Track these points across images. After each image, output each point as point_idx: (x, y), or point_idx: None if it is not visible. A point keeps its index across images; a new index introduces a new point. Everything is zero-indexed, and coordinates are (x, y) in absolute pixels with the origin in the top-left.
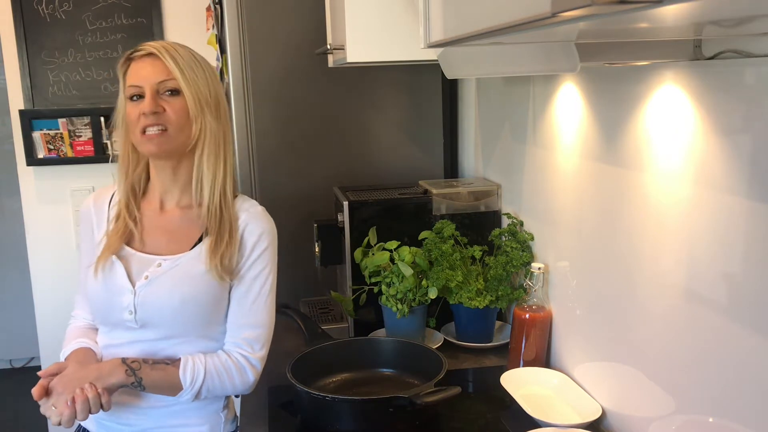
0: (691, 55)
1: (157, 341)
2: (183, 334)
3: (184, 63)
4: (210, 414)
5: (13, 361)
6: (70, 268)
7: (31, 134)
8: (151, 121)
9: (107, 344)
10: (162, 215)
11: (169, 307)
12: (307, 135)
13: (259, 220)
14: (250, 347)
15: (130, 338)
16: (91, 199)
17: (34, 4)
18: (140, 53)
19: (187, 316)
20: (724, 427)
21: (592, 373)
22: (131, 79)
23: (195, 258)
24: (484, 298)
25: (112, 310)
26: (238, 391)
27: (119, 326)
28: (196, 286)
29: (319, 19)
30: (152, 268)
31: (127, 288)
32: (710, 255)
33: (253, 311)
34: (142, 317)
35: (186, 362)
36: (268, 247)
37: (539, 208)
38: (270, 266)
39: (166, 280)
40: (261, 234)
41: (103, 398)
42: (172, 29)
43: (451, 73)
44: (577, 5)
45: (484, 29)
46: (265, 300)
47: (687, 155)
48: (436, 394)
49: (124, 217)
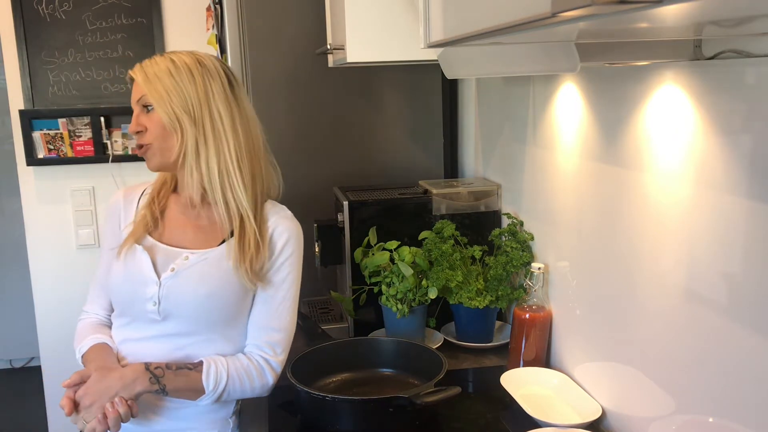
0: (691, 55)
1: (177, 337)
2: (204, 330)
3: (154, 77)
4: (219, 419)
5: (13, 361)
6: (70, 268)
7: (31, 134)
8: (137, 141)
9: (125, 338)
10: (191, 210)
11: (193, 301)
12: (307, 135)
13: (288, 223)
14: (272, 350)
15: (149, 333)
16: (121, 193)
17: (34, 4)
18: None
19: (210, 311)
20: (724, 427)
21: (592, 373)
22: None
23: (223, 255)
24: (484, 298)
25: (135, 301)
26: (256, 393)
27: (140, 318)
28: (223, 283)
29: (319, 19)
30: (179, 260)
31: (152, 279)
32: (710, 255)
33: (278, 314)
34: (166, 308)
35: (209, 367)
36: (295, 251)
37: (539, 208)
38: (296, 271)
39: (192, 274)
40: (289, 237)
41: (133, 409)
42: (172, 29)
43: (451, 73)
44: (577, 5)
45: (484, 29)
46: (290, 304)
47: (687, 155)
48: (436, 394)
49: (152, 206)
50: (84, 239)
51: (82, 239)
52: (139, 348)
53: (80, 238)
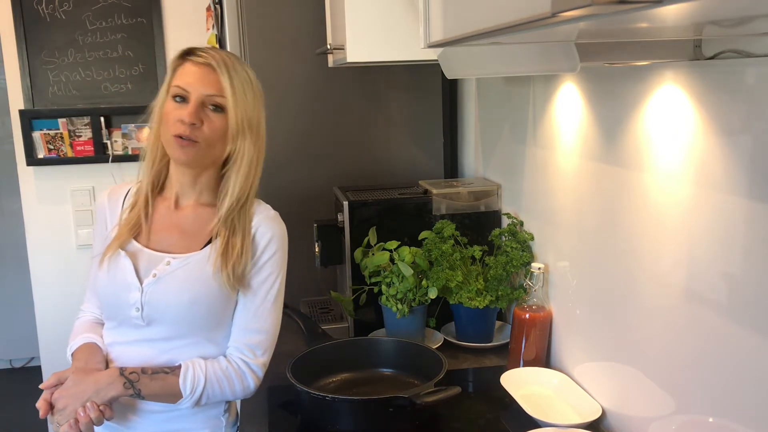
0: (691, 55)
1: (163, 341)
2: (188, 334)
3: (238, 83)
4: (210, 418)
5: (13, 361)
6: (70, 268)
7: (31, 134)
8: (186, 131)
9: (113, 341)
10: (176, 212)
11: (177, 306)
12: (307, 135)
13: (271, 223)
14: (252, 353)
15: (136, 336)
16: (106, 194)
17: (34, 4)
18: (199, 59)
19: (194, 316)
20: (724, 427)
21: (592, 373)
22: (180, 80)
23: (205, 258)
24: (484, 298)
25: (120, 306)
26: (238, 397)
27: (125, 323)
28: (206, 287)
29: (319, 19)
30: (161, 265)
31: (135, 285)
32: (710, 255)
33: (258, 316)
34: (149, 314)
35: (186, 370)
36: (277, 252)
37: (539, 208)
38: (278, 272)
39: (174, 279)
40: (271, 238)
41: (105, 414)
42: (172, 29)
43: (451, 73)
44: (577, 5)
45: (484, 29)
46: (271, 305)
47: (687, 155)
48: (436, 394)
49: (138, 210)
50: (84, 239)
51: (82, 239)
52: (126, 351)
53: (80, 238)
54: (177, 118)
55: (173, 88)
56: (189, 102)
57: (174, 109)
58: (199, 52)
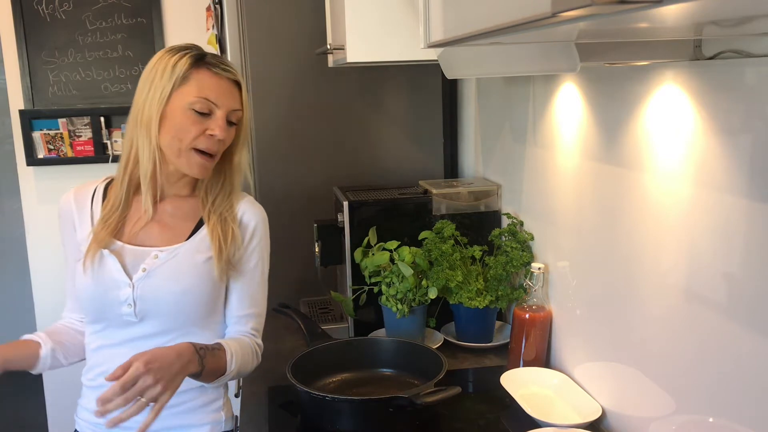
0: (691, 55)
1: (153, 337)
2: (181, 326)
3: (246, 96)
4: (210, 413)
5: None
6: None
7: (31, 134)
8: (214, 146)
9: (100, 345)
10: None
11: (170, 298)
12: (307, 135)
13: (254, 209)
14: (257, 333)
15: (124, 336)
16: (71, 195)
17: (34, 4)
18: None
19: (187, 306)
20: (724, 427)
21: (592, 373)
22: (206, 92)
23: (194, 248)
24: (484, 298)
25: (108, 306)
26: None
27: (115, 323)
28: (196, 277)
29: (319, 19)
30: (149, 259)
31: (124, 281)
32: (710, 255)
33: (257, 300)
34: (143, 309)
35: (227, 346)
36: (263, 236)
37: (539, 208)
38: (266, 255)
39: (165, 271)
40: (257, 224)
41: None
42: (172, 29)
43: (451, 73)
44: (577, 5)
45: (484, 29)
46: (265, 288)
47: (687, 155)
48: (436, 394)
49: (115, 210)
50: None
51: None
52: (116, 352)
53: None
54: (205, 131)
55: (197, 100)
56: (215, 115)
57: (196, 122)
58: (221, 65)
